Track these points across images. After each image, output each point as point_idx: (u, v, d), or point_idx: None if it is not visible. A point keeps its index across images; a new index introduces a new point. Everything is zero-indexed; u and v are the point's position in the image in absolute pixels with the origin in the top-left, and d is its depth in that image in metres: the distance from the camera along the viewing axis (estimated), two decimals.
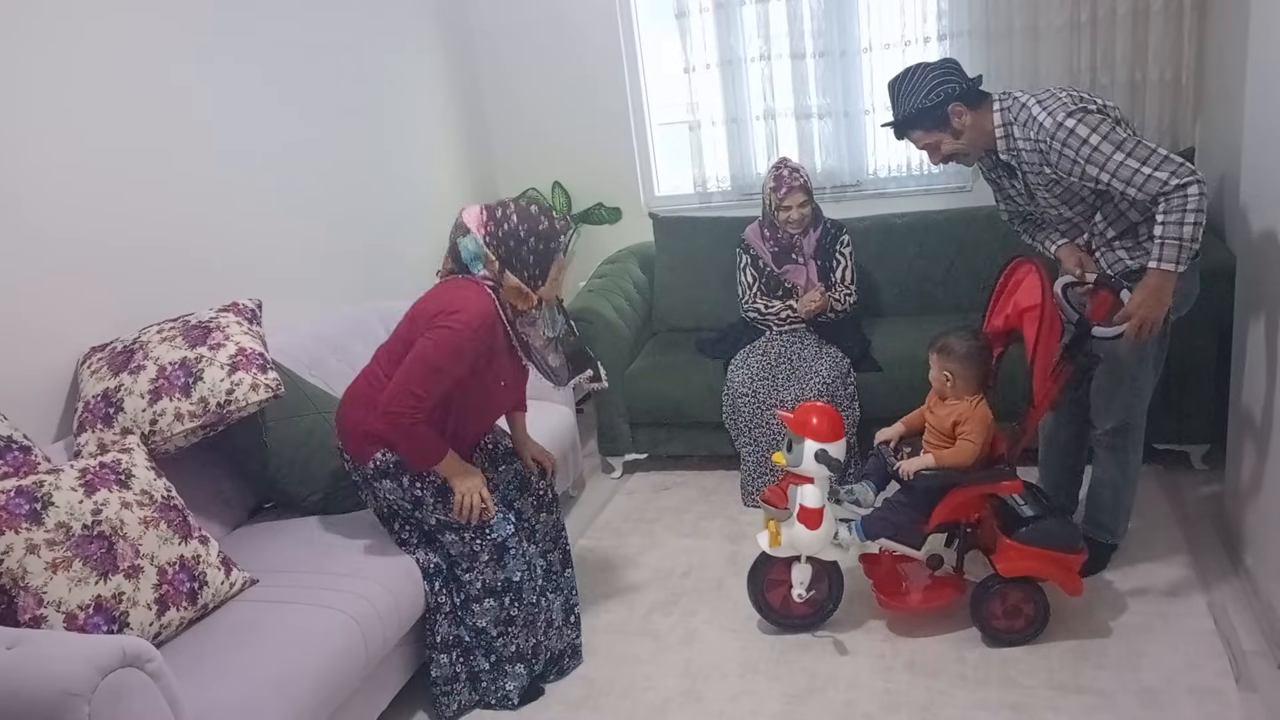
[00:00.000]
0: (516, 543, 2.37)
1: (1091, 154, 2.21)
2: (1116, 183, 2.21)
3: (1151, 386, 2.52)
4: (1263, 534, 2.43)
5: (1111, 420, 2.52)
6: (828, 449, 2.36)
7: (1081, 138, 2.21)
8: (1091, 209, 2.41)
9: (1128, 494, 2.62)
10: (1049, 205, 2.45)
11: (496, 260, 2.26)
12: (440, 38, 4.24)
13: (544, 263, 2.28)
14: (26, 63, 2.39)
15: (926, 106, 2.36)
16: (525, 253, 2.25)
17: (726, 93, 4.12)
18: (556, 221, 2.30)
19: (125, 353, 2.41)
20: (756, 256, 3.50)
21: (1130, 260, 2.39)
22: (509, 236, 2.25)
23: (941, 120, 2.37)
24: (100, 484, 2.05)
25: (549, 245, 2.27)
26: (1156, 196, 2.17)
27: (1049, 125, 2.24)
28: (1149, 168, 2.16)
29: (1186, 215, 2.14)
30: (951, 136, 2.39)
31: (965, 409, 2.39)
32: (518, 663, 2.39)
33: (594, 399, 3.73)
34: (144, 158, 2.71)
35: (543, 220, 2.28)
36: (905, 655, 2.45)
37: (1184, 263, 2.18)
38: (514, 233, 2.25)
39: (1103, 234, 2.44)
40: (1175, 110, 3.59)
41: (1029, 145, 2.32)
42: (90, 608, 1.90)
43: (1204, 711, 2.13)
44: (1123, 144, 2.19)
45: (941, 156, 2.45)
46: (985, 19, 3.67)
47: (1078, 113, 2.23)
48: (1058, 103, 2.27)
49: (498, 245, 2.26)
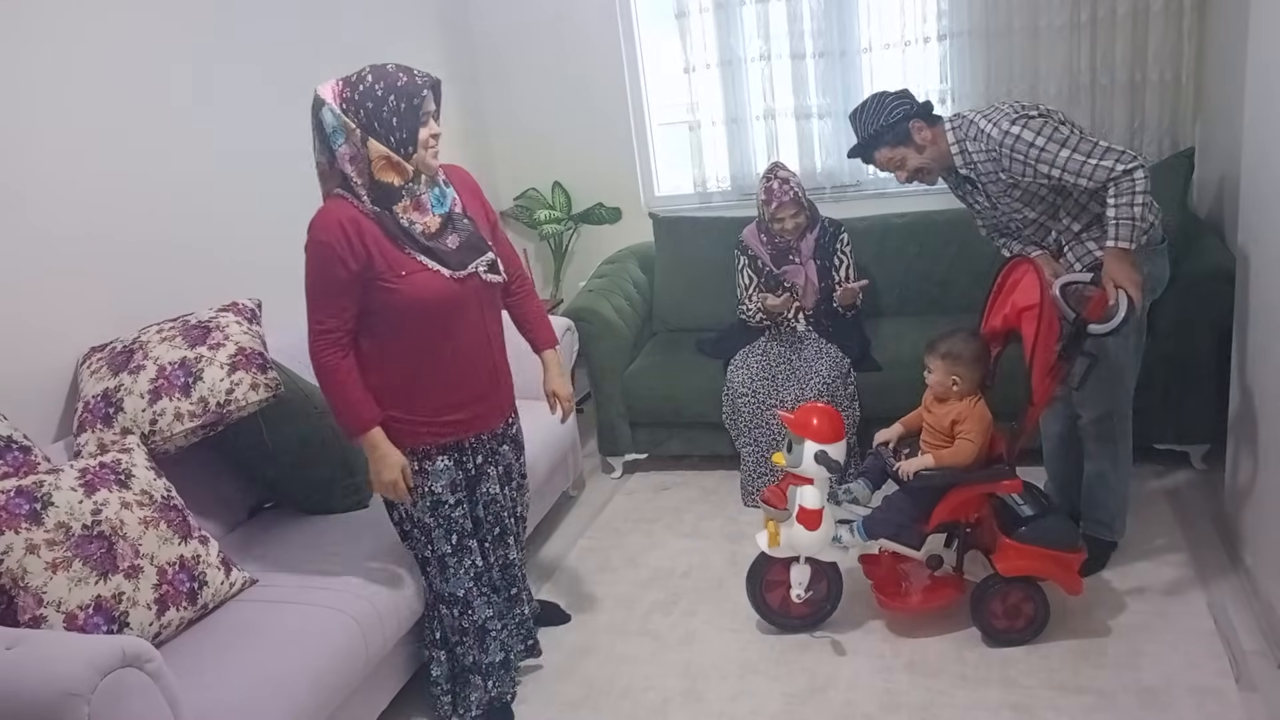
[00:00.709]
0: (456, 562, 2.28)
1: (1040, 154, 2.34)
2: (1068, 176, 2.33)
3: (1134, 375, 2.56)
4: (1262, 534, 2.43)
5: (1096, 409, 2.55)
6: (828, 450, 2.36)
7: (1028, 141, 2.34)
8: (1053, 207, 2.51)
9: (1121, 486, 2.63)
10: (1013, 210, 2.54)
11: (357, 128, 2.01)
12: (440, 38, 4.24)
13: (410, 123, 2.03)
14: (27, 63, 2.39)
15: (889, 124, 2.51)
16: (386, 114, 2.01)
17: (726, 93, 4.12)
18: (418, 76, 2.04)
19: (125, 353, 2.41)
20: (755, 257, 3.50)
21: (1099, 251, 2.48)
22: (366, 97, 2.01)
23: (904, 136, 2.52)
24: (100, 484, 2.05)
25: (411, 102, 2.02)
26: (1106, 183, 2.30)
27: (995, 135, 2.39)
28: (1094, 159, 2.30)
29: (1135, 197, 2.27)
30: (915, 151, 2.53)
31: (964, 408, 2.39)
32: (475, 674, 2.35)
33: (594, 399, 3.73)
34: (144, 158, 2.71)
35: (401, 76, 2.03)
36: (905, 655, 2.45)
37: (1136, 240, 2.30)
38: (370, 92, 2.01)
39: (1069, 228, 2.52)
40: (1175, 110, 3.58)
41: (983, 156, 2.45)
42: (90, 608, 1.90)
43: (1204, 711, 2.13)
44: (1067, 140, 2.33)
45: (907, 173, 2.57)
46: (985, 19, 3.67)
47: (1020, 120, 2.37)
48: (1000, 114, 2.42)
49: (355, 110, 2.02)
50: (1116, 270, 2.30)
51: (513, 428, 2.43)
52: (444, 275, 2.10)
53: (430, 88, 2.05)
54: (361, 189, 2.05)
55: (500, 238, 2.34)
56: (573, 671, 2.56)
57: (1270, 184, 2.33)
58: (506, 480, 2.42)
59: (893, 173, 2.60)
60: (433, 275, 2.09)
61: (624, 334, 3.70)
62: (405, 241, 2.07)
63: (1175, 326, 3.00)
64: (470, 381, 2.24)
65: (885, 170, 2.62)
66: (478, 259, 2.16)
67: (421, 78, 2.05)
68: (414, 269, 2.08)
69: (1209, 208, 3.47)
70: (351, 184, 2.05)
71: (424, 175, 2.11)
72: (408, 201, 2.09)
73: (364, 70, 2.05)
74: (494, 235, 2.30)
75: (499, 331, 2.32)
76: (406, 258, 2.07)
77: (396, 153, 2.04)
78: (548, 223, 4.38)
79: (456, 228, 2.16)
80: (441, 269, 2.10)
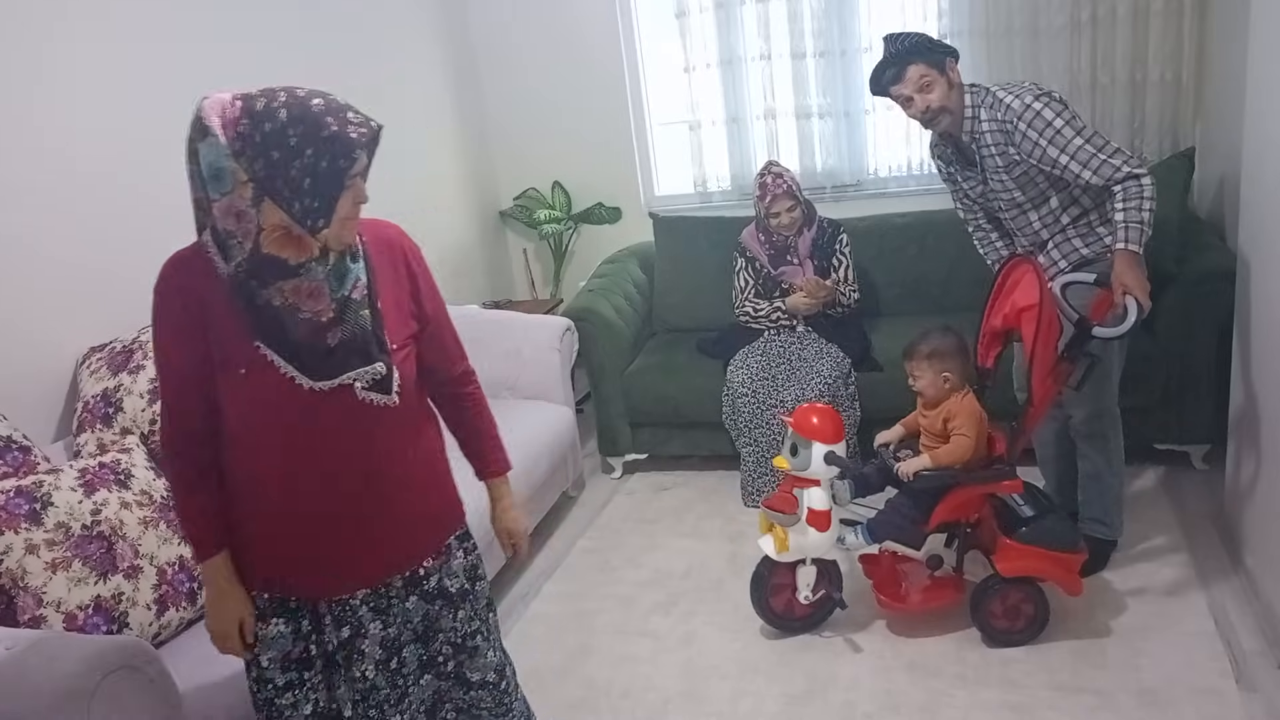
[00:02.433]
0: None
1: (1054, 136, 2.36)
2: (1074, 165, 2.35)
3: (1119, 370, 2.56)
4: (1263, 534, 2.43)
5: (1085, 407, 2.55)
6: (834, 450, 2.37)
7: (1047, 120, 2.36)
8: (1043, 195, 2.52)
9: (1116, 483, 2.63)
10: (1002, 190, 2.54)
11: (250, 181, 1.40)
12: (441, 37, 4.24)
13: (329, 188, 1.39)
14: (27, 63, 2.39)
15: (931, 45, 2.47)
16: (297, 172, 1.37)
17: (726, 93, 4.12)
18: (353, 126, 1.39)
19: (125, 353, 2.41)
20: (753, 259, 3.50)
21: (1085, 249, 2.50)
22: (271, 142, 1.37)
23: (940, 64, 2.47)
24: (100, 484, 2.05)
25: (336, 162, 1.38)
26: (1109, 182, 2.33)
27: (1017, 106, 2.39)
28: (1104, 154, 2.33)
29: (1144, 202, 2.30)
30: (947, 84, 2.47)
31: (954, 405, 2.39)
32: None
33: (594, 399, 3.73)
34: (144, 158, 2.71)
35: (328, 122, 1.37)
36: (905, 655, 2.45)
37: (1141, 244, 2.32)
38: (279, 136, 1.36)
39: (1057, 220, 2.53)
40: (1175, 110, 3.59)
41: (994, 127, 2.45)
42: (90, 608, 1.90)
43: (1204, 711, 2.13)
44: (1082, 130, 2.36)
45: (929, 101, 2.46)
46: (985, 19, 3.67)
47: (1043, 97, 2.40)
48: (1023, 89, 2.43)
49: (253, 156, 1.38)
50: (1126, 274, 2.29)
51: (430, 580, 1.67)
52: (297, 383, 1.48)
53: (366, 145, 1.40)
54: (237, 253, 1.43)
55: (435, 327, 1.68)
56: (573, 671, 2.56)
57: (1270, 184, 2.33)
58: (418, 661, 1.68)
59: (909, 101, 2.47)
60: (279, 379, 1.47)
61: (624, 334, 3.70)
62: (255, 327, 1.46)
63: (1175, 326, 3.00)
64: (321, 532, 1.56)
65: (903, 95, 2.47)
66: (358, 369, 1.51)
67: (359, 129, 1.39)
68: (256, 367, 1.47)
69: (1209, 208, 3.47)
70: (223, 240, 1.44)
71: (333, 251, 1.49)
72: (300, 283, 1.46)
73: (277, 95, 1.39)
74: (421, 325, 1.65)
75: (401, 465, 1.61)
76: (250, 350, 1.46)
77: (301, 224, 1.41)
78: (548, 223, 4.38)
79: (345, 318, 1.49)
80: (297, 374, 1.47)
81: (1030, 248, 2.60)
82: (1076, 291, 2.44)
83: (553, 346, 3.41)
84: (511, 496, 1.86)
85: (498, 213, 4.67)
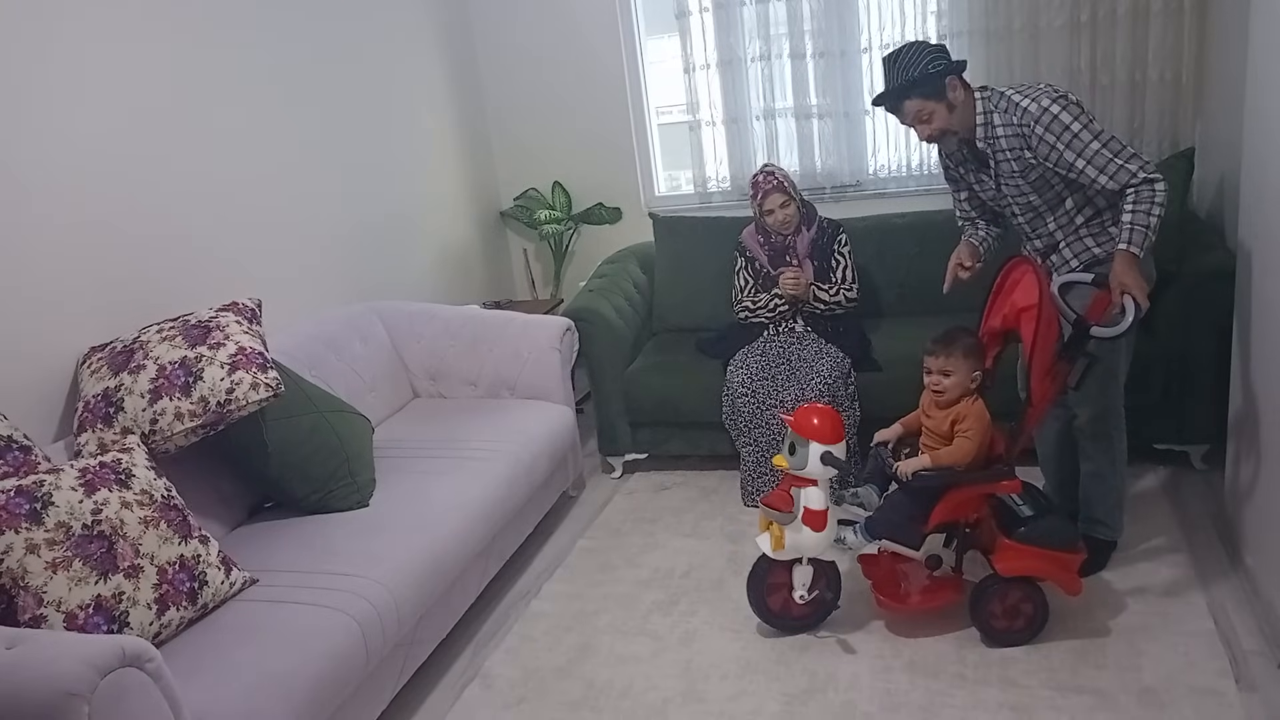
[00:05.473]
0: None
1: (1072, 140, 2.35)
2: (1091, 169, 2.35)
3: (1125, 371, 2.56)
4: (1263, 534, 2.43)
5: (1091, 407, 2.55)
6: (832, 450, 2.36)
7: (1064, 123, 2.34)
8: (1059, 197, 2.51)
9: (1117, 484, 2.63)
10: (1017, 195, 2.54)
11: None
12: (441, 38, 4.24)
13: None
14: (27, 64, 2.39)
15: (927, 75, 2.43)
16: None
17: (726, 93, 4.12)
18: None
19: (125, 352, 2.41)
20: (753, 259, 3.50)
21: (1097, 249, 2.49)
22: None
23: (939, 91, 2.45)
24: (100, 484, 2.05)
25: None
26: (1125, 187, 2.33)
27: (1034, 110, 2.38)
28: (1121, 159, 2.32)
29: (1154, 207, 2.30)
30: (946, 109, 2.47)
31: (963, 407, 2.39)
32: None
33: (594, 399, 3.73)
34: (145, 158, 2.71)
35: None
36: (905, 655, 2.45)
37: (1144, 248, 2.32)
38: None
39: (1071, 220, 2.52)
40: (1175, 110, 3.59)
41: (1009, 131, 2.43)
42: (90, 607, 1.90)
43: (1204, 711, 2.13)
44: (1099, 135, 2.35)
45: (931, 130, 2.50)
46: (985, 19, 3.67)
47: (1060, 100, 2.37)
48: (1039, 92, 2.40)
49: None
50: (1124, 274, 2.30)
51: None
52: None
53: None
54: None
55: None
56: (573, 671, 2.56)
57: (1270, 184, 2.33)
58: None
59: (914, 127, 2.52)
60: None
61: (624, 334, 3.70)
62: None
63: (1175, 326, 3.00)
64: None
65: (906, 123, 2.53)
66: None
67: None
68: None
69: (1209, 207, 3.47)
70: None
71: None
72: None
73: None
74: None
75: None
76: None
77: None
78: (548, 223, 4.38)
79: None
80: None
81: (1043, 249, 2.59)
82: (1075, 292, 2.45)
83: (553, 346, 3.41)
84: None
85: (498, 213, 4.67)
